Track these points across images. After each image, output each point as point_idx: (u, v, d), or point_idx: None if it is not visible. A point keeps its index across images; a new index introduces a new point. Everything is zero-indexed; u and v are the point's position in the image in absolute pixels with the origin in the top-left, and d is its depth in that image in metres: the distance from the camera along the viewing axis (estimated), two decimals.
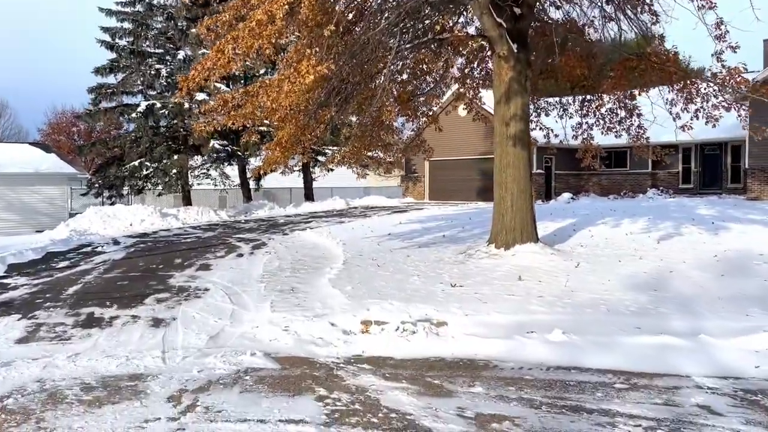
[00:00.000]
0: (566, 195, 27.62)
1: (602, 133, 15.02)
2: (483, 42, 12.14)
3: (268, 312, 8.37)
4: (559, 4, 12.72)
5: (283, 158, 11.15)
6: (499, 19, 10.75)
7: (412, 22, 10.82)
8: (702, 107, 11.45)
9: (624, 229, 15.14)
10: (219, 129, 11.63)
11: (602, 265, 10.80)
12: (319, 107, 10.83)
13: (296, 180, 34.40)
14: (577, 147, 16.03)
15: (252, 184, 31.25)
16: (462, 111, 30.42)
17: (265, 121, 12.11)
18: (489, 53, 12.52)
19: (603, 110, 14.67)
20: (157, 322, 8.17)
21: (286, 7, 8.15)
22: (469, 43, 12.48)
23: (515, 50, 11.30)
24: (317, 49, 8.77)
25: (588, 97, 14.59)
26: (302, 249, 15.16)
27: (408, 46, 10.93)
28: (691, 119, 11.61)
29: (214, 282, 10.81)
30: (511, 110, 11.56)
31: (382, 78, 10.76)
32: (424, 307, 7.97)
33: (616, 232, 14.87)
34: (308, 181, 32.33)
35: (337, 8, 9.09)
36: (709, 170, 27.61)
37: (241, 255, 14.34)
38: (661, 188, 27.75)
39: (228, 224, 23.09)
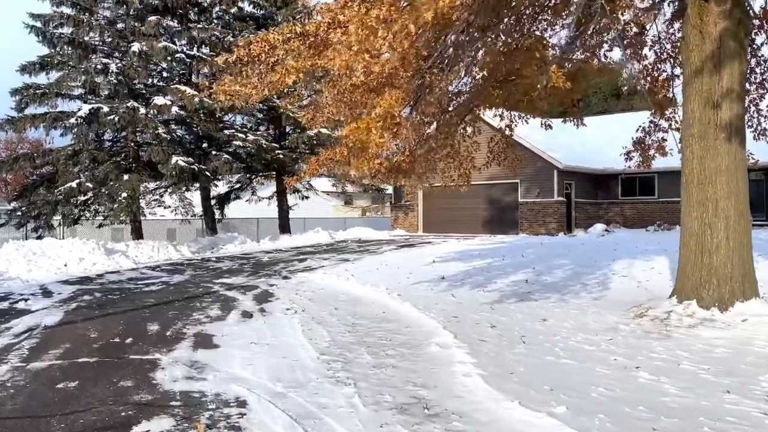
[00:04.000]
0: (599, 227, 23.59)
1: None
2: None
3: None
4: None
5: (393, 131, 6.07)
6: None
7: None
8: None
9: None
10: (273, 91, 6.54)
11: None
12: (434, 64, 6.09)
13: (264, 210, 29.20)
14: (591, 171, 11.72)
15: (216, 214, 25.88)
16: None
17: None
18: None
19: None
20: None
21: None
22: None
23: None
24: None
25: None
26: (337, 302, 10.22)
27: None
28: None
29: (243, 380, 5.75)
30: (725, 82, 7.18)
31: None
32: None
33: None
34: (284, 210, 27.17)
35: None
36: (752, 198, 24.15)
37: (248, 315, 9.26)
38: None
39: (196, 263, 17.73)
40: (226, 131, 22.70)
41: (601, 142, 27.88)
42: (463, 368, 5.75)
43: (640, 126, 11.01)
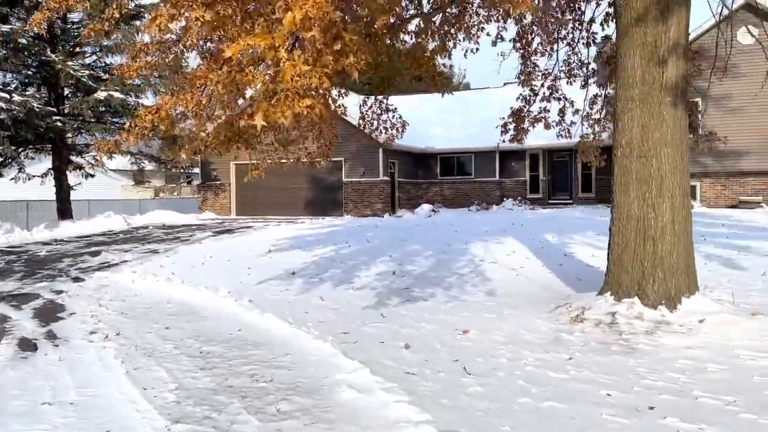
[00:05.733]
0: (426, 207, 22.84)
1: None
2: None
3: None
4: None
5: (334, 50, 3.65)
6: None
7: None
8: None
9: None
10: None
11: None
12: None
13: (35, 191, 23.98)
14: (413, 150, 10.89)
15: None
16: None
17: None
18: None
19: None
20: None
21: None
22: None
23: None
24: None
25: None
26: (164, 315, 7.51)
27: None
28: None
29: None
30: (672, 33, 6.00)
31: None
32: None
33: None
34: (64, 191, 22.38)
35: None
36: (559, 178, 25.34)
37: (31, 346, 6.25)
38: (518, 198, 24.62)
39: None
40: None
41: (423, 121, 27.37)
42: None
43: (520, 95, 9.80)
